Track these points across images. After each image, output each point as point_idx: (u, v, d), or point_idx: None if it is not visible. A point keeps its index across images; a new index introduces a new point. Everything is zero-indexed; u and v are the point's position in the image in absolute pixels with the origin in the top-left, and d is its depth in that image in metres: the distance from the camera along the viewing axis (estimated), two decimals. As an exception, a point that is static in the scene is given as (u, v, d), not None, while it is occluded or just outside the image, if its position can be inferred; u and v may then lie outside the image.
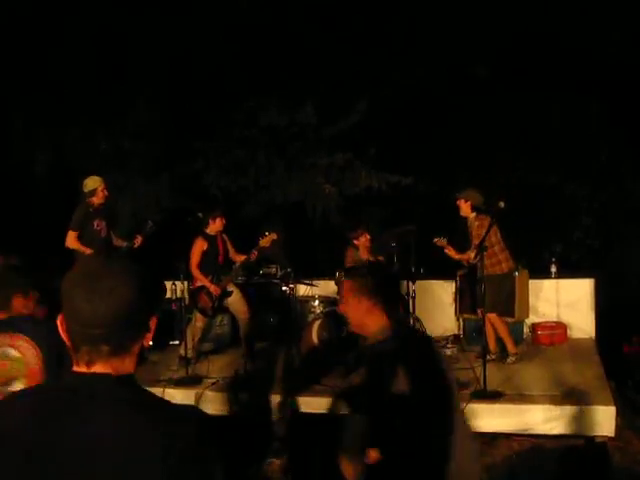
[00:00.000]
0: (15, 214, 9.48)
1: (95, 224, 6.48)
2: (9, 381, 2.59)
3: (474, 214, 6.41)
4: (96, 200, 6.47)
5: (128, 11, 9.47)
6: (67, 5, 9.31)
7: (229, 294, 6.81)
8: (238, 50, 9.88)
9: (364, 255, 7.08)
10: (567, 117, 10.11)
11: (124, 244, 6.73)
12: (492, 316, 6.33)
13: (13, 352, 2.63)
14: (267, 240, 6.71)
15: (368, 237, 7.02)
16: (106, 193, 6.54)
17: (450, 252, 6.55)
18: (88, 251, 6.33)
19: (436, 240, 6.62)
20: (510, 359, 6.35)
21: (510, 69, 9.97)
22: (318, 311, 6.88)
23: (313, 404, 5.39)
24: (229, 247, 6.96)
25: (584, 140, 10.15)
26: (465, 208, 6.44)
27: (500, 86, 10.02)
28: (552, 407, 5.03)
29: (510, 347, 6.42)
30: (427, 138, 10.36)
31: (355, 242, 7.01)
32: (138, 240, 6.65)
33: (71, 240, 6.38)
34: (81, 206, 6.50)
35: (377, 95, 9.90)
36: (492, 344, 6.52)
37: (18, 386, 2.50)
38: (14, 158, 10.03)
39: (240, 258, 6.86)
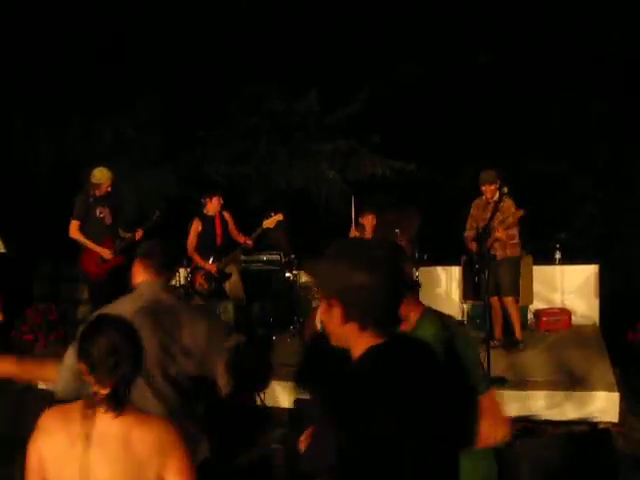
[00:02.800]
0: (18, 209, 9.46)
1: (98, 211, 6.45)
2: None
3: (497, 195, 6.05)
4: (98, 193, 6.45)
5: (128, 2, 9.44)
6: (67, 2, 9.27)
7: (228, 276, 6.76)
8: (240, 39, 9.84)
9: (369, 235, 7.07)
10: (569, 112, 10.07)
11: (126, 235, 6.70)
12: (509, 300, 6.24)
13: None
14: (272, 221, 6.65)
15: (374, 218, 7.02)
16: (109, 190, 6.50)
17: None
18: (89, 243, 6.34)
19: None
20: (521, 345, 6.25)
21: (514, 61, 9.92)
22: (321, 298, 6.84)
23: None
24: (231, 228, 6.89)
25: (586, 135, 10.12)
26: (491, 192, 6.14)
27: (504, 76, 9.96)
28: (556, 393, 5.02)
29: (518, 333, 6.31)
30: (432, 125, 10.32)
31: (361, 221, 7.06)
32: (139, 233, 6.61)
33: (73, 230, 6.38)
34: (81, 195, 6.48)
35: (381, 84, 9.85)
36: (498, 331, 6.45)
37: None
38: (16, 152, 10.00)
39: (242, 239, 6.81)
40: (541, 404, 4.99)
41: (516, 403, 5.02)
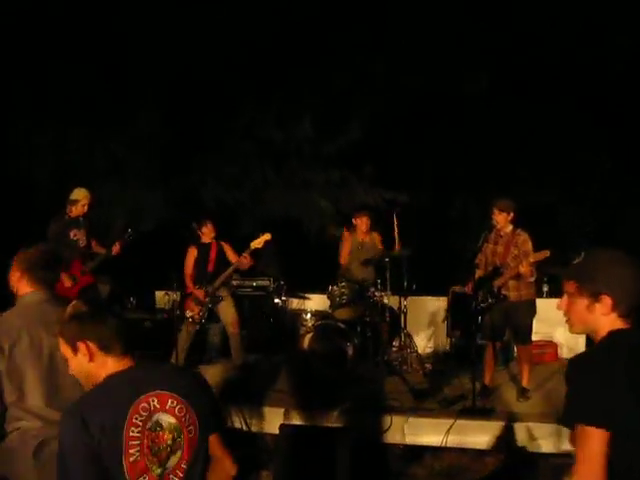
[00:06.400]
0: (12, 225, 9.43)
1: (72, 234, 6.44)
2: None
3: (511, 228, 5.91)
4: (74, 211, 6.46)
5: (128, 21, 9.53)
6: (68, 15, 9.36)
7: (219, 299, 6.74)
8: (236, 64, 9.93)
9: (360, 236, 7.17)
10: (564, 139, 10.18)
11: (103, 251, 6.66)
12: (527, 348, 6.01)
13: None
14: (259, 241, 6.62)
15: (367, 221, 7.17)
16: (86, 209, 6.52)
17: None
18: None
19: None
20: (529, 394, 5.90)
21: (507, 87, 10.05)
22: (310, 324, 6.88)
23: (303, 416, 5.39)
24: (228, 252, 6.86)
25: (575, 167, 10.24)
26: (502, 220, 5.85)
27: (497, 104, 10.08)
28: (542, 425, 5.03)
29: (527, 382, 5.98)
30: (424, 155, 10.42)
31: (354, 221, 7.24)
32: (116, 248, 6.54)
33: None
34: (57, 217, 6.49)
35: (374, 111, 9.95)
36: (488, 378, 6.05)
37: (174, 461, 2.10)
38: (12, 168, 10.01)
39: (236, 259, 6.74)
40: (526, 435, 5.00)
41: (503, 435, 5.03)
